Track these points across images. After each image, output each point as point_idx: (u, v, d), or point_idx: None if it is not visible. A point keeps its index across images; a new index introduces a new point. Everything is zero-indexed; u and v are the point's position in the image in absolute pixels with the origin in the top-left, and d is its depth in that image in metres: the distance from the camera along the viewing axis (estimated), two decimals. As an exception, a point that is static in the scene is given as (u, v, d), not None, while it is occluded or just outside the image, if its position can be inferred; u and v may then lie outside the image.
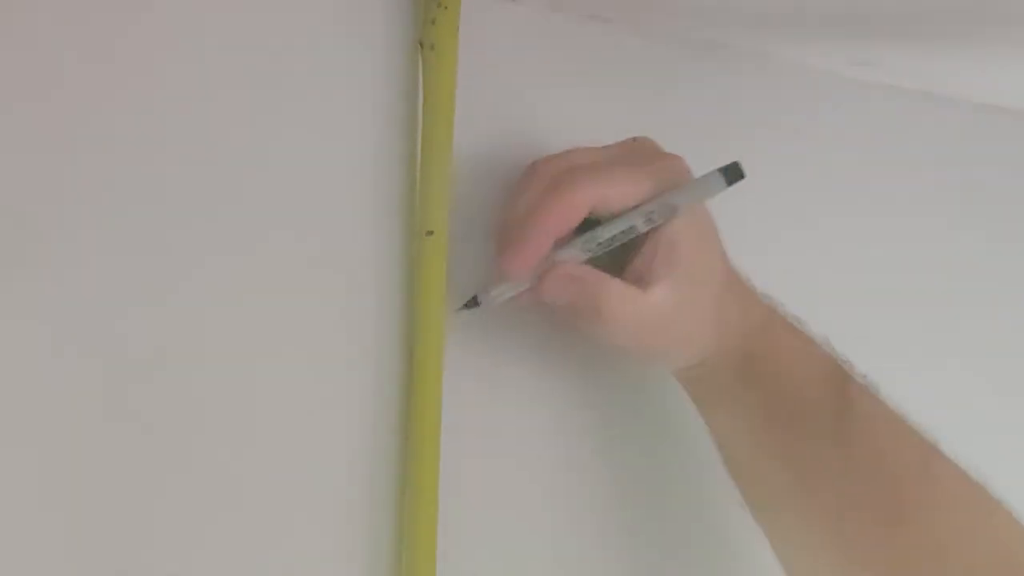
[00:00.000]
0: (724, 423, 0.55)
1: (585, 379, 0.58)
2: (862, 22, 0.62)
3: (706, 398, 0.55)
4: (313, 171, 0.51)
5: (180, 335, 0.48)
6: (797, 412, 0.53)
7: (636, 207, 0.51)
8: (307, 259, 0.51)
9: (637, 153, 0.54)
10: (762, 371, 0.53)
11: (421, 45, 0.52)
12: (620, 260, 0.53)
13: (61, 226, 0.46)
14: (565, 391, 0.57)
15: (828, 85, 0.68)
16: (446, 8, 0.52)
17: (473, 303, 0.53)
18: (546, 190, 0.51)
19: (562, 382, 0.57)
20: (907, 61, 0.68)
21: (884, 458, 0.51)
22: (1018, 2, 0.56)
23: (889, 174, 0.70)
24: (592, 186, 0.51)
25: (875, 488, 0.51)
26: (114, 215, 0.47)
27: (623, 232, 0.51)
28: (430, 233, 0.51)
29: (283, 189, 0.51)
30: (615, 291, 0.51)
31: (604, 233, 0.51)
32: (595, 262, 0.52)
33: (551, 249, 0.51)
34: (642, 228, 0.51)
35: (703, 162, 0.61)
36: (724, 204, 0.60)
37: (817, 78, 0.67)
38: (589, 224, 0.52)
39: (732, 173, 0.51)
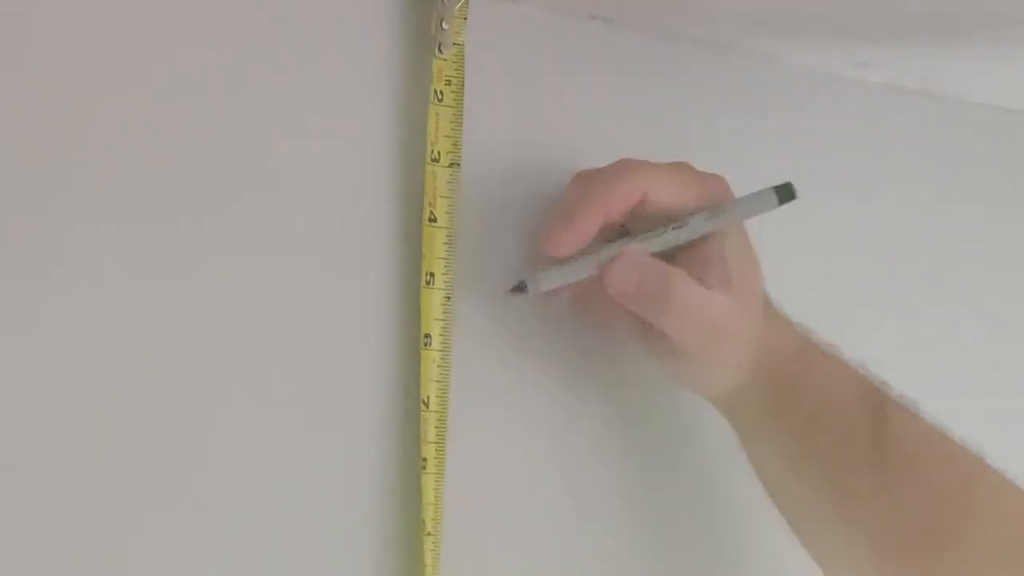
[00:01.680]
0: (761, 450, 0.55)
1: (597, 375, 0.58)
2: (863, 22, 0.62)
3: (743, 426, 0.55)
4: (321, 167, 0.52)
5: (184, 335, 0.48)
6: (833, 439, 0.52)
7: (692, 213, 0.51)
8: (310, 250, 0.51)
9: (684, 165, 0.54)
10: (797, 399, 0.53)
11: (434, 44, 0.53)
12: None
13: (65, 227, 0.46)
14: (571, 384, 0.57)
15: (829, 85, 0.68)
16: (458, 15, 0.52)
17: (520, 288, 0.52)
18: (597, 177, 0.51)
19: (568, 375, 0.57)
20: (907, 61, 0.68)
21: (923, 479, 0.51)
22: (1017, 2, 0.56)
23: (889, 174, 0.70)
24: (644, 173, 0.51)
25: (915, 510, 0.51)
26: (116, 214, 0.47)
27: (675, 234, 0.51)
28: (433, 220, 0.52)
29: (289, 186, 0.51)
30: (685, 281, 0.50)
31: (657, 233, 0.51)
32: None
33: (604, 242, 0.51)
34: (694, 234, 0.51)
35: (705, 162, 0.61)
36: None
37: (818, 78, 0.67)
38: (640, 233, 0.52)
39: (785, 192, 0.51)
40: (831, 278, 0.67)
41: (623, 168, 0.51)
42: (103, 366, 0.46)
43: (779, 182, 0.51)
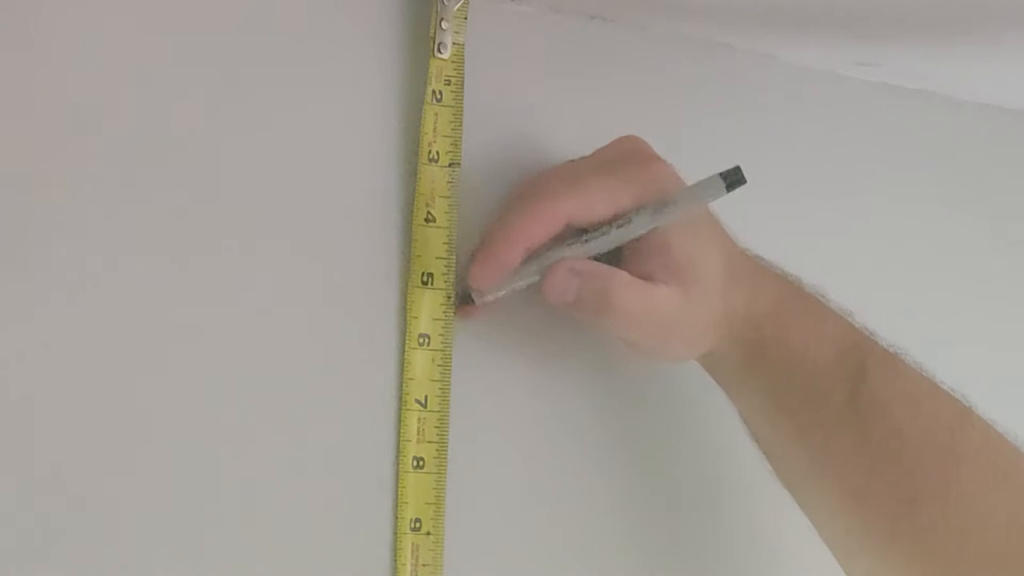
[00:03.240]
0: (741, 405, 0.55)
1: (591, 369, 0.58)
2: (864, 22, 0.62)
3: (722, 381, 0.55)
4: (319, 167, 0.52)
5: (180, 334, 0.48)
6: (808, 397, 0.52)
7: (637, 209, 0.51)
8: (311, 252, 0.51)
9: (622, 158, 0.53)
10: (771, 358, 0.53)
11: (432, 41, 0.52)
12: (614, 266, 0.52)
13: (63, 228, 0.46)
14: (571, 382, 0.57)
15: (829, 85, 0.68)
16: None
17: (466, 299, 0.52)
18: (520, 202, 0.51)
19: (568, 373, 0.57)
20: (908, 61, 0.68)
21: (900, 438, 0.51)
22: (1018, 2, 0.56)
23: (890, 174, 0.70)
24: (567, 196, 0.50)
25: (890, 469, 0.51)
26: (116, 214, 0.47)
27: (620, 233, 0.51)
28: (430, 220, 0.52)
29: (288, 185, 0.51)
30: (625, 281, 0.50)
31: (600, 233, 0.51)
32: None
33: (550, 244, 0.51)
34: (639, 230, 0.51)
35: (704, 161, 0.61)
36: (724, 204, 0.60)
37: (818, 78, 0.68)
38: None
39: (733, 177, 0.50)
40: (830, 277, 0.67)
41: (544, 194, 0.50)
42: (102, 363, 0.46)
43: (726, 167, 0.50)
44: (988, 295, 0.73)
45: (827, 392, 0.52)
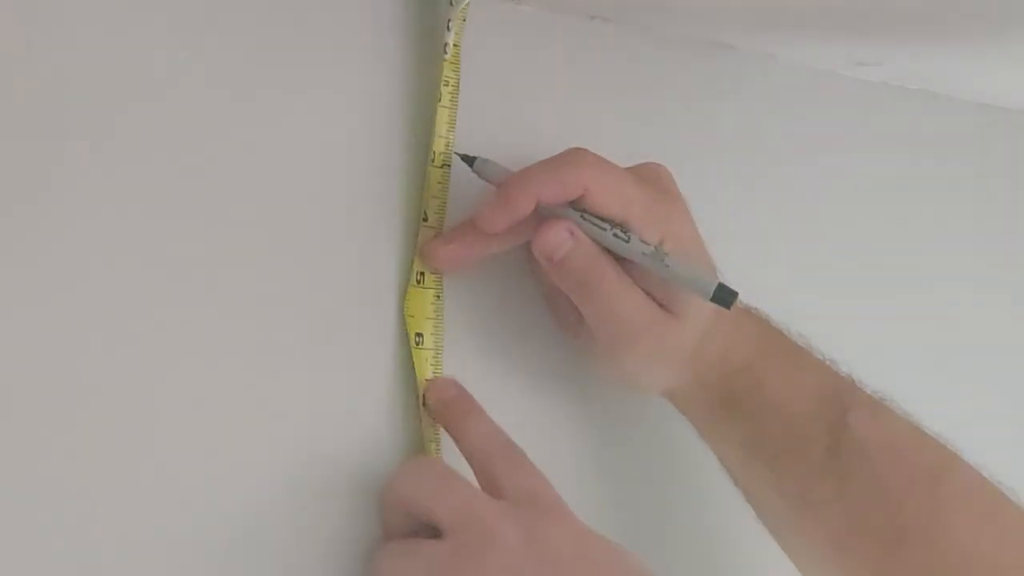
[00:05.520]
0: (714, 447, 0.55)
1: (583, 371, 0.58)
2: (863, 22, 0.62)
3: (693, 423, 0.55)
4: (312, 165, 0.52)
5: (179, 333, 0.48)
6: (785, 448, 0.52)
7: (643, 244, 0.49)
8: (307, 248, 0.51)
9: (655, 178, 0.52)
10: (745, 409, 0.53)
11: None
12: None
13: (61, 223, 0.46)
14: (563, 377, 0.57)
15: (829, 85, 0.68)
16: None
17: (468, 159, 0.52)
18: (547, 161, 0.50)
19: (561, 367, 0.57)
20: (907, 61, 0.68)
21: (883, 485, 0.51)
22: (1018, 2, 0.56)
23: (890, 174, 0.70)
24: (592, 169, 0.49)
25: (872, 516, 0.51)
26: (116, 211, 0.47)
27: (612, 240, 0.50)
28: (425, 219, 0.52)
29: (293, 186, 0.51)
30: (614, 270, 0.49)
31: (598, 225, 0.49)
32: None
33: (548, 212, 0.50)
34: (626, 254, 0.50)
35: (705, 160, 0.61)
36: (724, 204, 0.60)
37: (818, 78, 0.68)
38: None
39: (723, 295, 0.48)
40: (830, 276, 0.67)
41: (570, 160, 0.50)
42: (100, 355, 0.46)
43: (730, 288, 0.48)
44: (988, 294, 0.73)
45: (805, 442, 0.52)
